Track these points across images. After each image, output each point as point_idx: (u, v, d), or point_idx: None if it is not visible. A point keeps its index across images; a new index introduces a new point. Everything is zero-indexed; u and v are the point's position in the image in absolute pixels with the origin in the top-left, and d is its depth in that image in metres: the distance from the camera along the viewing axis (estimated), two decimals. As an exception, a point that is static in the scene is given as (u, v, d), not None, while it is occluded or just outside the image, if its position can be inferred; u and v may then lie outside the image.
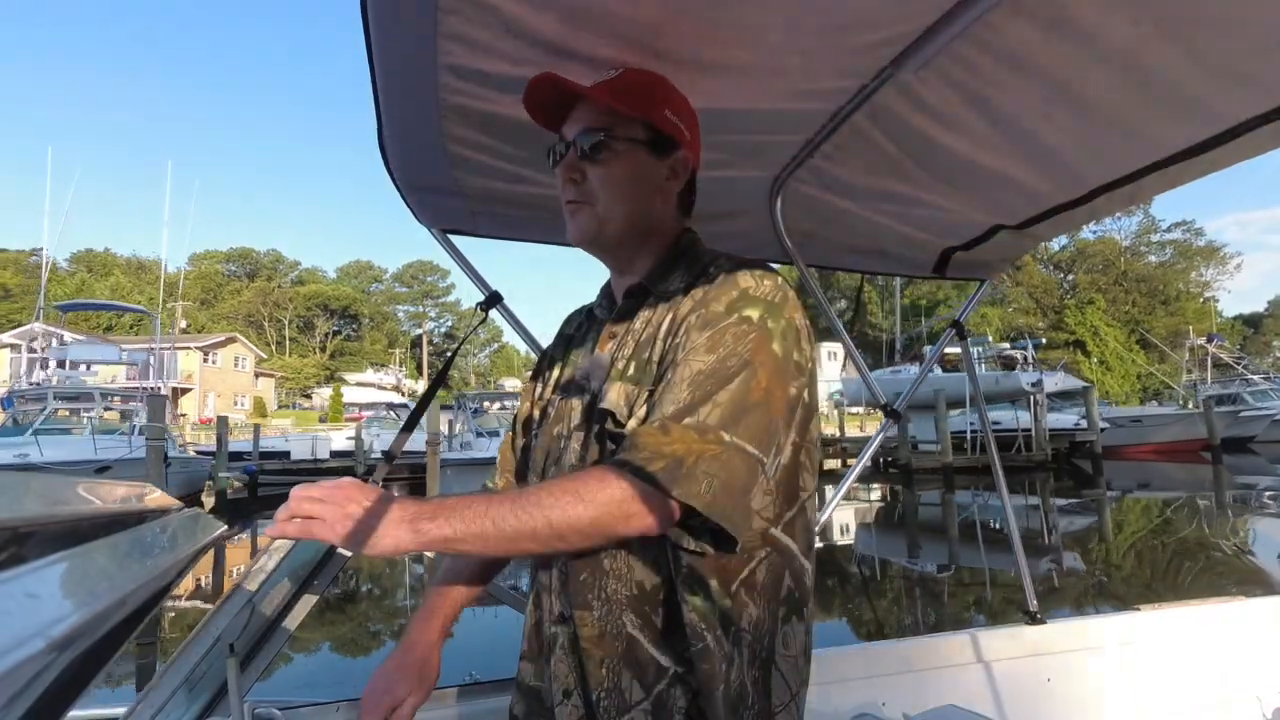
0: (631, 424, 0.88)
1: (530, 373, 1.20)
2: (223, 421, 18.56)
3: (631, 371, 0.92)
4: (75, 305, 27.72)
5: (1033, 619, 1.94)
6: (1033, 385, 22.24)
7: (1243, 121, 1.24)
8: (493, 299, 1.65)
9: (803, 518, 0.93)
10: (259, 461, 18.83)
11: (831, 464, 23.41)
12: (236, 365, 46.00)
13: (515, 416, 1.18)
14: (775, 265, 1.10)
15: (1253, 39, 1.05)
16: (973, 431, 21.32)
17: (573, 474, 0.90)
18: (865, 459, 2.16)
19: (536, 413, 1.10)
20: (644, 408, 0.88)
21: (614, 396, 0.91)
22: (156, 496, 0.89)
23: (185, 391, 37.88)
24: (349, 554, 1.22)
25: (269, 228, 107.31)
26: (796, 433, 0.91)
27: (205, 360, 42.27)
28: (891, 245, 1.90)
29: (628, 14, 0.99)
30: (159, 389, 18.64)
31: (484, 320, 1.68)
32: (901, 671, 1.75)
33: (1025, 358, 25.49)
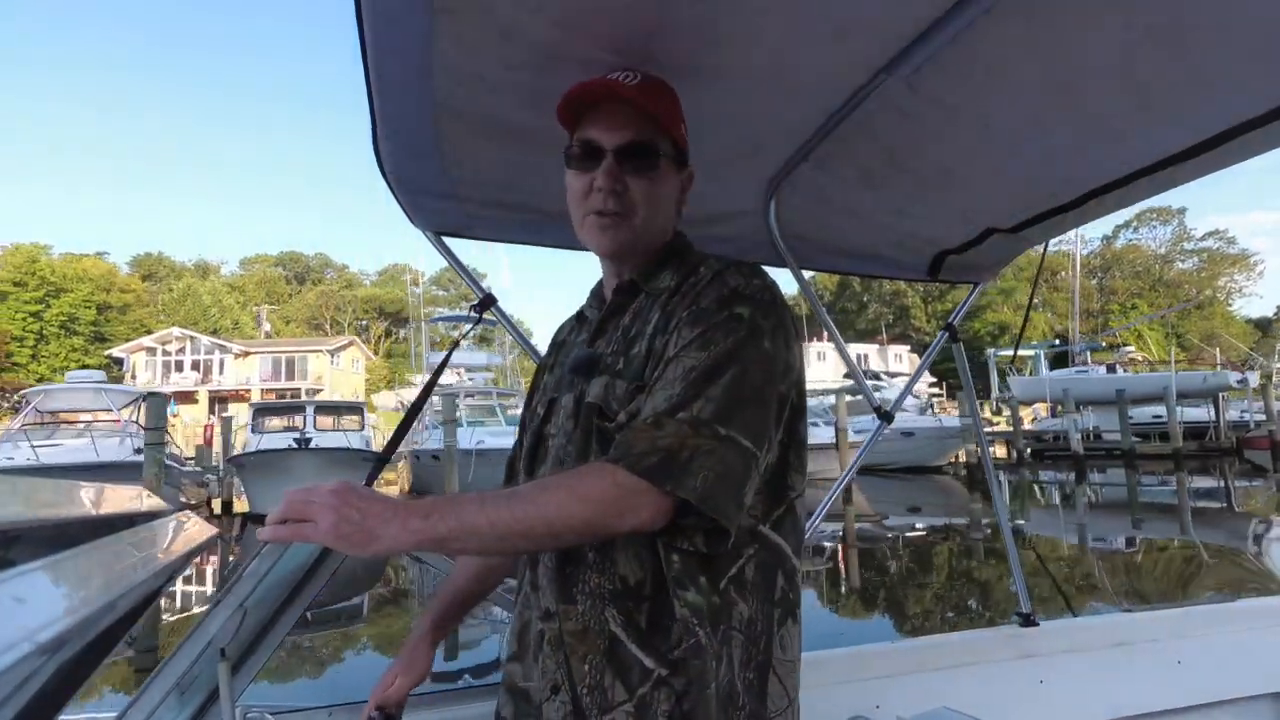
0: (622, 419, 0.88)
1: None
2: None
3: (620, 366, 0.93)
4: (444, 318, 32.65)
5: (1026, 620, 1.94)
6: (1239, 383, 24.77)
7: (1232, 126, 1.25)
8: (487, 301, 1.65)
9: (791, 517, 0.93)
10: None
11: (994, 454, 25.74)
12: (353, 367, 46.68)
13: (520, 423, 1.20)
14: (769, 268, 1.11)
15: (1241, 45, 1.06)
16: (1161, 421, 24.53)
17: (567, 471, 0.90)
18: (858, 462, 2.16)
19: (529, 415, 1.10)
20: (633, 403, 0.88)
21: (600, 391, 0.92)
22: (148, 499, 0.88)
23: (316, 392, 38.39)
24: (342, 557, 1.21)
25: (304, 229, 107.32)
26: (785, 431, 0.92)
27: (331, 363, 42.92)
28: (885, 248, 1.91)
29: (623, 19, 0.99)
30: (515, 388, 21.87)
31: (479, 322, 1.68)
32: (894, 674, 1.75)
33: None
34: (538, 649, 0.94)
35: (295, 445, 13.62)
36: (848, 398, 19.94)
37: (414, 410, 1.61)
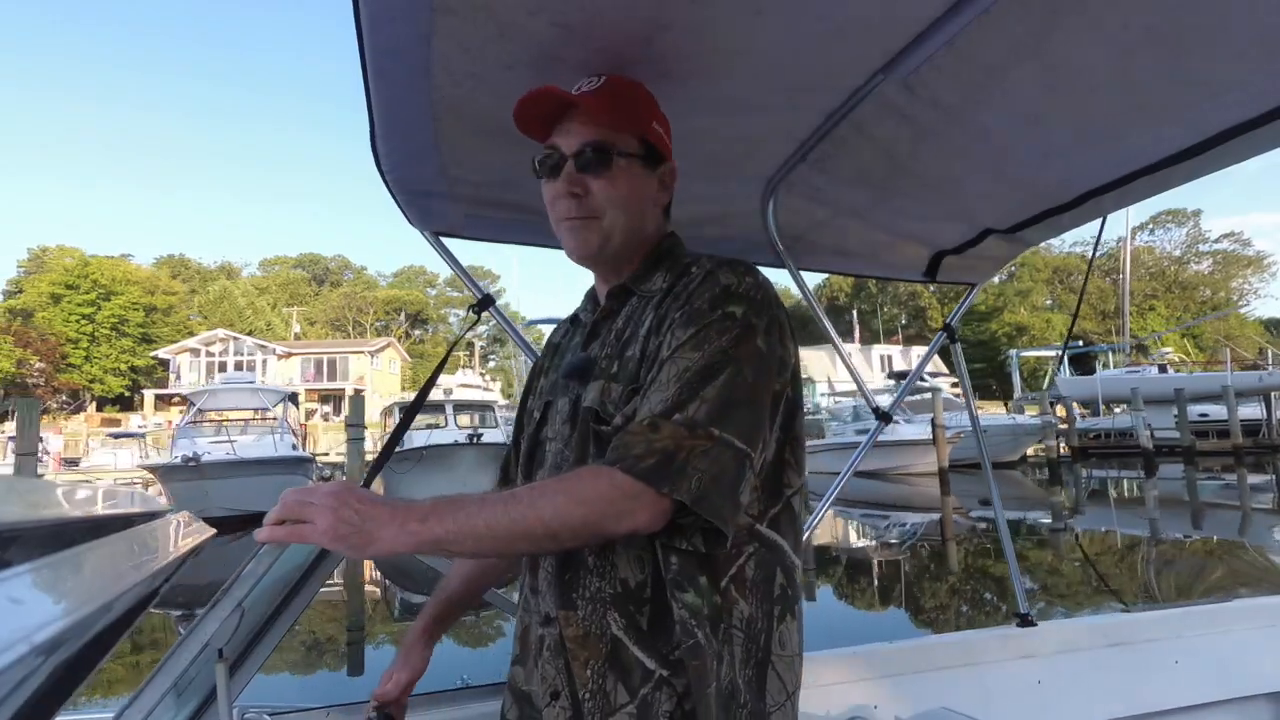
0: (618, 422, 0.88)
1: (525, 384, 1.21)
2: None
3: (614, 370, 0.93)
4: (537, 320, 34.07)
5: (1024, 621, 1.95)
6: None
7: (1229, 127, 1.25)
8: (485, 301, 1.65)
9: (789, 513, 0.94)
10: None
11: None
12: (390, 368, 47.38)
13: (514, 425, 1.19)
14: (766, 269, 1.11)
15: (1239, 45, 1.07)
16: (1210, 420, 25.57)
17: (564, 474, 0.90)
18: (856, 461, 2.17)
19: (525, 418, 1.10)
20: (628, 405, 0.88)
21: (596, 395, 0.92)
22: (145, 500, 0.88)
23: (359, 392, 38.67)
24: (340, 557, 1.21)
25: (315, 227, 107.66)
26: (780, 428, 0.92)
27: (371, 363, 43.34)
28: (883, 249, 1.91)
29: (621, 20, 0.99)
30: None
31: (477, 322, 1.68)
32: (893, 674, 1.75)
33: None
34: (538, 654, 0.94)
35: (469, 440, 14.93)
36: (938, 393, 20.11)
37: (413, 409, 1.61)
